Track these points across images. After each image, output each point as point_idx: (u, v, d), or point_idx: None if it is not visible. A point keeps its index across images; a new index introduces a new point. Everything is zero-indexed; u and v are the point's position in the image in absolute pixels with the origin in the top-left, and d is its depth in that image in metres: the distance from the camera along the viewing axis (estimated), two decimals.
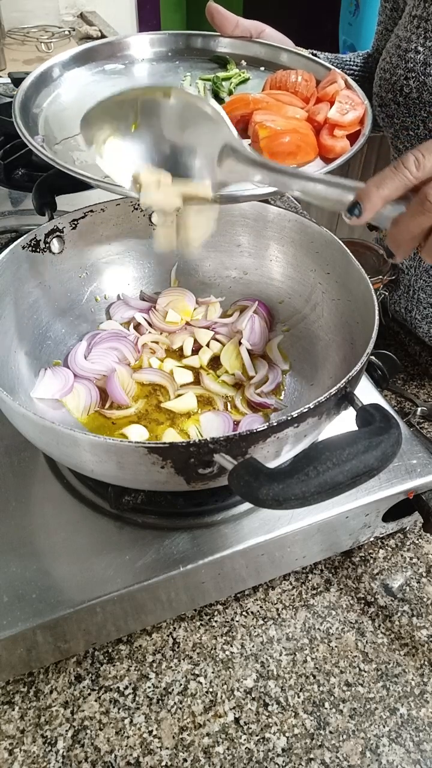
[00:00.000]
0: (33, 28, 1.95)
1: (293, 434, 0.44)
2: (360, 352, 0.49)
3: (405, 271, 0.76)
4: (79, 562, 0.50)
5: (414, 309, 0.77)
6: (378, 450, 0.39)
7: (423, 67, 0.65)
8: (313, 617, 0.55)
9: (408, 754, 0.47)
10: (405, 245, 0.43)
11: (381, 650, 0.53)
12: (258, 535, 0.52)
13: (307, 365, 0.64)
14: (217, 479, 0.44)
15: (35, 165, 1.01)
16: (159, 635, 0.54)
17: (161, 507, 0.53)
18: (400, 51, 0.68)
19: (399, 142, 0.73)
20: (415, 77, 0.66)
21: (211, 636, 0.54)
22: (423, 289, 0.74)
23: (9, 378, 0.56)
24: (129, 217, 0.68)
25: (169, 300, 0.71)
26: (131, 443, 0.42)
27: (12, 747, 0.47)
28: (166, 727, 0.49)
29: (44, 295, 0.64)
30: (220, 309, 0.71)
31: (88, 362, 0.64)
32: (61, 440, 0.45)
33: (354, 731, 0.48)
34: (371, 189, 0.41)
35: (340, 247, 0.61)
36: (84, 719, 0.49)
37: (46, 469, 0.57)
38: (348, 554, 0.60)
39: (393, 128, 0.71)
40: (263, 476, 0.37)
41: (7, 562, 0.50)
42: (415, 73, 0.66)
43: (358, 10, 2.00)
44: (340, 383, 0.45)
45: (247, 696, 0.50)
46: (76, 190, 0.73)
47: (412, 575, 0.58)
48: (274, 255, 0.70)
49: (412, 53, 0.66)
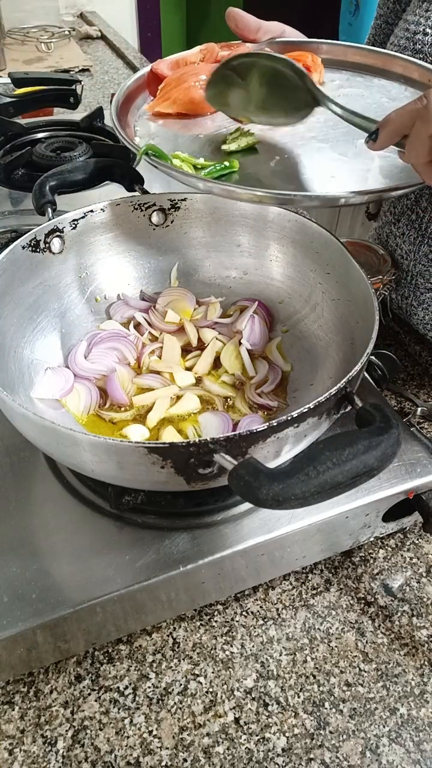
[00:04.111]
0: (33, 28, 1.95)
1: (293, 434, 0.44)
2: (360, 352, 0.49)
3: (404, 255, 0.76)
4: (79, 562, 0.50)
5: (411, 295, 0.77)
6: (378, 450, 0.39)
7: (431, 48, 0.66)
8: (313, 617, 0.55)
9: (408, 754, 0.47)
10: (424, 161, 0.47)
11: (381, 650, 0.53)
12: (258, 535, 0.52)
13: (307, 365, 0.64)
14: (217, 479, 0.44)
15: (35, 165, 1.01)
16: (159, 635, 0.54)
17: (161, 507, 0.53)
18: (409, 34, 0.68)
19: None
20: (423, 58, 0.67)
21: (211, 636, 0.54)
22: (421, 274, 0.74)
23: (9, 378, 0.56)
24: (129, 217, 0.68)
25: (169, 300, 0.71)
26: (131, 443, 0.42)
27: (12, 747, 0.48)
28: (166, 727, 0.49)
29: (44, 295, 0.64)
30: (220, 309, 0.71)
31: (88, 362, 0.64)
32: (61, 440, 0.45)
33: (354, 731, 0.48)
34: (391, 116, 0.47)
35: (339, 247, 0.61)
36: (84, 719, 0.49)
37: (46, 469, 0.57)
38: (348, 554, 0.60)
39: None
40: (263, 476, 0.37)
41: (7, 562, 0.50)
42: (423, 54, 0.67)
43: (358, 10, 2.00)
44: (340, 383, 0.45)
45: (247, 696, 0.50)
46: (76, 190, 0.72)
47: (412, 575, 0.58)
48: (274, 255, 0.70)
49: (421, 35, 0.67)
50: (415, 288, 0.76)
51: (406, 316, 0.81)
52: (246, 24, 0.67)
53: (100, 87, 1.67)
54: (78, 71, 1.76)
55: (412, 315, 0.79)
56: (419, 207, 0.73)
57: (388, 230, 0.79)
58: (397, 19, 0.80)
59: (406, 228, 0.75)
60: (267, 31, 0.69)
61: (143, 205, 0.68)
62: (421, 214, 0.72)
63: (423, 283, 0.75)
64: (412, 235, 0.74)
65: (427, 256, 0.74)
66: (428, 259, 0.74)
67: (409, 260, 0.76)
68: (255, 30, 0.68)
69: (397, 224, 0.77)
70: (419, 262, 0.75)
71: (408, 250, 0.75)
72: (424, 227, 0.72)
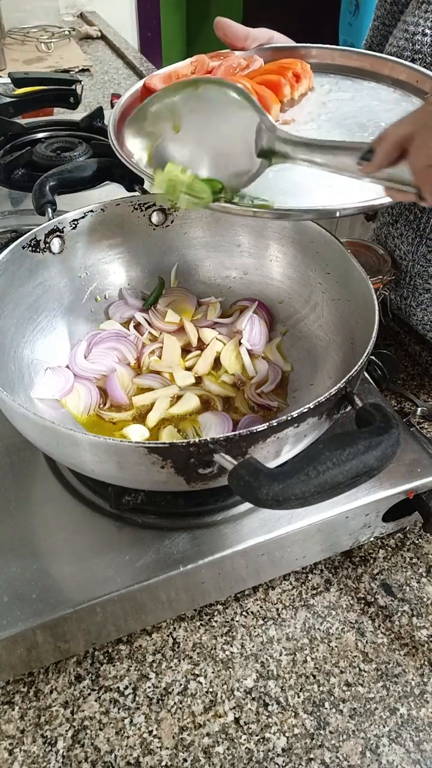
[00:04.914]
0: (33, 28, 1.95)
1: (293, 434, 0.44)
2: (360, 352, 0.49)
3: (402, 256, 0.76)
4: (79, 562, 0.50)
5: (410, 296, 0.77)
6: (378, 450, 0.39)
7: (430, 48, 0.66)
8: (313, 617, 0.55)
9: (408, 754, 0.47)
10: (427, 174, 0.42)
11: (381, 650, 0.53)
12: (258, 535, 0.52)
13: (307, 365, 0.64)
14: (217, 479, 0.44)
15: (35, 165, 1.02)
16: (159, 635, 0.54)
17: (161, 507, 0.53)
18: (408, 35, 0.69)
19: None
20: (422, 59, 0.67)
21: (211, 636, 0.54)
22: (419, 274, 0.74)
23: (9, 378, 0.56)
24: (129, 217, 0.68)
25: (169, 300, 0.71)
26: (131, 443, 0.42)
27: (12, 747, 0.48)
28: (166, 727, 0.49)
29: (44, 295, 0.64)
30: (220, 309, 0.71)
31: (88, 362, 0.64)
32: (61, 440, 0.45)
33: (354, 731, 0.48)
34: (387, 130, 0.41)
35: (339, 247, 0.61)
36: (84, 719, 0.49)
37: (46, 469, 0.57)
38: (348, 554, 0.60)
39: None
40: (263, 476, 0.37)
41: (7, 562, 0.50)
42: (423, 55, 0.67)
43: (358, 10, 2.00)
44: (340, 383, 0.45)
45: (247, 696, 0.50)
46: (76, 190, 0.72)
47: (412, 575, 0.58)
48: (274, 255, 0.70)
49: (420, 36, 0.67)
50: (413, 288, 0.76)
51: (405, 316, 0.81)
52: (234, 33, 0.67)
53: (100, 87, 1.67)
54: (78, 71, 1.76)
55: (411, 315, 0.79)
56: (417, 207, 0.73)
57: (386, 231, 0.79)
58: (394, 21, 0.80)
59: (404, 228, 0.75)
60: (255, 39, 0.69)
61: (143, 205, 0.68)
62: (419, 214, 0.72)
63: (421, 284, 0.75)
64: (410, 235, 0.74)
65: (425, 256, 0.74)
66: (426, 260, 0.74)
67: (407, 261, 0.76)
68: (243, 38, 0.68)
69: (395, 225, 0.77)
70: (417, 262, 0.75)
71: (406, 251, 0.75)
72: (422, 228, 0.72)
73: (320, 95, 0.64)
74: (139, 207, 0.68)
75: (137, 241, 0.70)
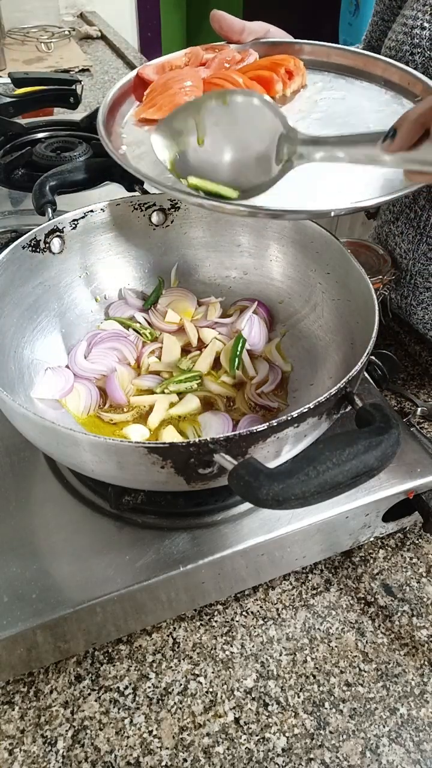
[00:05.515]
0: (33, 28, 1.95)
1: (293, 434, 0.44)
2: (360, 352, 0.49)
3: (402, 254, 0.76)
4: (79, 562, 0.50)
5: (410, 294, 0.77)
6: (378, 450, 0.39)
7: (429, 42, 0.66)
8: (313, 617, 0.55)
9: (408, 754, 0.47)
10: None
11: (381, 650, 0.53)
12: (258, 535, 0.52)
13: (307, 365, 0.64)
14: (217, 479, 0.44)
15: (35, 165, 1.01)
16: (159, 635, 0.54)
17: (161, 507, 0.53)
18: (406, 29, 0.69)
19: None
20: (420, 52, 0.67)
21: (211, 636, 0.54)
22: (420, 273, 0.74)
23: (9, 378, 0.56)
24: (129, 218, 0.69)
25: (169, 300, 0.71)
26: (131, 443, 0.42)
27: (12, 747, 0.48)
28: (166, 727, 0.49)
29: (44, 295, 0.64)
30: (220, 309, 0.71)
31: (88, 362, 0.64)
32: (61, 440, 0.45)
33: (354, 731, 0.48)
34: (408, 112, 0.41)
35: (339, 247, 0.61)
36: (84, 719, 0.49)
37: (46, 469, 0.57)
38: (348, 554, 0.60)
39: None
40: (263, 476, 0.37)
41: (7, 562, 0.50)
42: (421, 49, 0.67)
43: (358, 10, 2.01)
44: (340, 383, 0.45)
45: (247, 696, 0.50)
46: (76, 190, 0.72)
47: (412, 575, 0.58)
48: (274, 255, 0.70)
49: (418, 29, 0.67)
50: (414, 287, 0.76)
51: (405, 315, 0.81)
52: (230, 26, 0.67)
53: (100, 87, 1.67)
54: (78, 71, 1.76)
55: (411, 314, 0.79)
56: (417, 205, 0.73)
57: (387, 229, 0.79)
58: (393, 16, 0.80)
59: (405, 227, 0.75)
60: (251, 32, 0.68)
61: (143, 205, 0.68)
62: (419, 212, 0.72)
63: (422, 282, 0.75)
64: (410, 233, 0.74)
65: (425, 254, 0.74)
66: (427, 258, 0.74)
67: (408, 259, 0.76)
68: (239, 31, 0.67)
69: (395, 223, 0.77)
70: (418, 260, 0.75)
71: (407, 249, 0.75)
72: (422, 225, 0.72)
73: (312, 93, 0.64)
74: (139, 207, 0.68)
75: (137, 241, 0.70)
